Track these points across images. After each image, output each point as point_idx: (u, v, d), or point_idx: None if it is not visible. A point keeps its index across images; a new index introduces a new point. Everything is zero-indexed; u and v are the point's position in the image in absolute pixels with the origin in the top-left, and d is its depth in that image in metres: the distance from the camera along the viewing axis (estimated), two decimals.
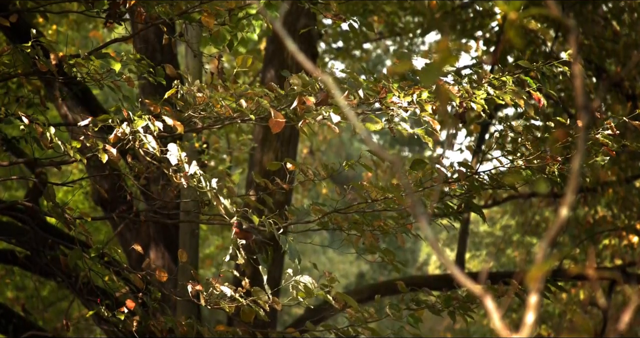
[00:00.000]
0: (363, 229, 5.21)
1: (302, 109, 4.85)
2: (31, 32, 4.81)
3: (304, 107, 4.85)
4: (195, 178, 4.53)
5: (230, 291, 4.78)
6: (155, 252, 8.63)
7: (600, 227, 12.79)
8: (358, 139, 24.92)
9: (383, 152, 1.88)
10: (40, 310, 11.76)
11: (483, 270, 18.68)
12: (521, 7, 1.73)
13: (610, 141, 5.06)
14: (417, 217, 1.65)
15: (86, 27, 13.53)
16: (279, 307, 4.82)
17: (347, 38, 13.12)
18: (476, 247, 21.00)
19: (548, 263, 1.57)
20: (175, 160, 4.52)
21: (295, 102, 4.83)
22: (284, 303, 4.89)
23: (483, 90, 5.04)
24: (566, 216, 1.60)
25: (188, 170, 4.50)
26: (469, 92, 5.01)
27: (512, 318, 13.75)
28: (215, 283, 4.82)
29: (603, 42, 11.09)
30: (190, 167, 4.51)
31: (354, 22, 5.34)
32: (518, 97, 5.05)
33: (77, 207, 11.98)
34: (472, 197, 5.32)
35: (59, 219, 4.96)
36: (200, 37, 5.31)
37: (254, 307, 4.80)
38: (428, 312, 5.35)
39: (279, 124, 4.78)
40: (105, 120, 4.74)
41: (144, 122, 4.59)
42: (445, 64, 1.65)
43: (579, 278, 11.40)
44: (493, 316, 1.59)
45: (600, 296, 11.75)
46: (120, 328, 5.20)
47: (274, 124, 4.77)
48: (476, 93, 5.03)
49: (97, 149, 4.61)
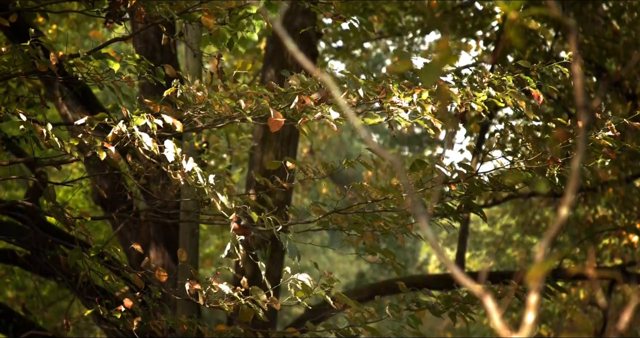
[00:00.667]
0: (363, 229, 5.21)
1: (301, 107, 4.85)
2: (30, 32, 4.81)
3: (303, 105, 4.85)
4: (193, 176, 4.53)
5: (229, 289, 4.78)
6: (155, 252, 8.63)
7: (601, 226, 12.79)
8: (358, 139, 24.94)
9: (383, 151, 1.88)
10: (40, 309, 11.76)
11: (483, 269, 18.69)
12: (521, 6, 1.73)
13: (610, 142, 5.06)
14: (417, 217, 1.65)
15: (86, 27, 13.53)
16: (277, 306, 4.82)
17: (347, 37, 13.12)
18: (476, 246, 21.00)
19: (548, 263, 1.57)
20: (172, 157, 4.52)
21: (294, 102, 4.83)
22: (283, 303, 4.89)
23: (484, 92, 5.04)
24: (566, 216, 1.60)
25: (185, 167, 4.50)
26: (469, 94, 5.01)
27: (512, 318, 13.75)
28: (214, 282, 4.82)
29: (603, 41, 11.09)
30: (187, 163, 4.51)
31: (354, 21, 5.34)
32: (519, 98, 5.05)
33: (77, 206, 11.98)
34: (472, 197, 5.32)
35: (58, 219, 4.96)
36: (200, 36, 5.31)
37: (252, 307, 4.80)
38: (428, 311, 5.36)
39: (277, 122, 4.78)
40: (102, 118, 4.74)
41: (142, 120, 4.59)
42: (445, 63, 1.65)
43: (579, 278, 11.40)
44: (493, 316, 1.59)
45: (600, 296, 11.75)
46: (121, 327, 5.20)
47: (273, 122, 4.78)
48: (477, 95, 5.03)
49: (96, 147, 4.61)
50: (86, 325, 12.92)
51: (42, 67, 4.77)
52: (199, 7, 5.02)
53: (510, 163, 5.24)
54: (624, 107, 11.50)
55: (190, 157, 4.57)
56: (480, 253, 21.00)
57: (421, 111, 4.90)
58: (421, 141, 22.99)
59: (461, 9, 12.19)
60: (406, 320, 5.23)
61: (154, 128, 4.61)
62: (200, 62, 7.75)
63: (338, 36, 13.16)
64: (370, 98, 4.92)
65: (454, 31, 11.96)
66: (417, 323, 5.24)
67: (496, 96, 5.04)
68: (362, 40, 13.39)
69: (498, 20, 11.78)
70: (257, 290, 4.82)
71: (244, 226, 4.79)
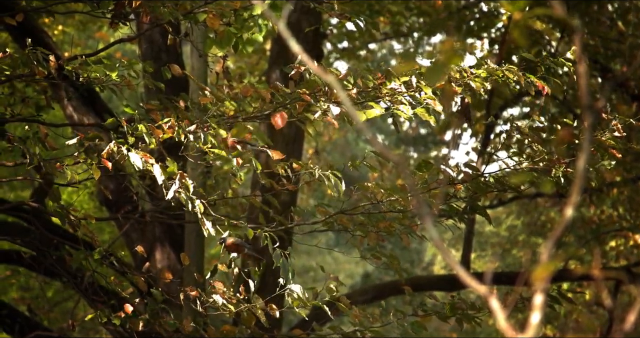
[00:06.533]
0: (368, 230, 5.20)
1: (302, 105, 4.88)
2: (27, 41, 4.82)
3: (303, 103, 4.87)
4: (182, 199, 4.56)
5: (223, 300, 4.83)
6: (161, 253, 8.63)
7: (606, 227, 12.78)
8: (363, 139, 24.93)
9: (388, 152, 1.88)
10: (46, 310, 11.77)
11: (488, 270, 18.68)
12: (526, 7, 1.73)
13: (616, 143, 5.05)
14: (422, 218, 1.65)
15: (92, 28, 13.54)
16: (275, 313, 4.85)
17: (352, 38, 13.11)
18: (482, 247, 20.97)
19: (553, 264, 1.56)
20: (161, 181, 4.55)
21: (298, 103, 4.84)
22: (281, 310, 4.93)
23: (483, 68, 5.04)
24: (571, 216, 1.59)
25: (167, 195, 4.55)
26: (467, 71, 5.01)
27: (517, 319, 13.74)
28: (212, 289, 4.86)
29: (608, 42, 11.08)
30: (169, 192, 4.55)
31: (360, 21, 5.33)
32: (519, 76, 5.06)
33: (82, 207, 11.98)
34: (478, 198, 5.31)
35: (62, 220, 4.97)
36: (206, 37, 5.31)
37: (253, 312, 4.83)
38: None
39: (282, 119, 4.79)
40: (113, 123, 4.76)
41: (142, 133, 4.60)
42: (450, 63, 1.65)
43: (584, 279, 11.39)
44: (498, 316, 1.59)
45: (606, 296, 11.74)
46: (127, 328, 5.21)
47: (277, 119, 4.79)
48: (476, 72, 5.03)
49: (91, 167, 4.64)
50: (92, 326, 12.94)
51: (40, 73, 4.78)
52: (204, 8, 5.03)
53: (516, 164, 5.23)
54: (629, 108, 11.49)
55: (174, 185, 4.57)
56: (486, 254, 20.98)
57: (420, 96, 4.91)
58: (427, 142, 22.96)
59: (466, 10, 12.18)
60: (410, 326, 5.23)
61: (152, 143, 4.62)
62: (205, 63, 7.75)
63: (343, 37, 13.16)
64: (370, 84, 4.92)
65: (459, 32, 11.95)
66: (420, 330, 5.23)
67: (496, 73, 5.03)
68: (367, 41, 13.39)
69: (503, 21, 11.77)
70: (256, 298, 4.85)
71: (237, 243, 4.85)
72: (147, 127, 4.62)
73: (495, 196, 12.45)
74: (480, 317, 5.38)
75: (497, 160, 5.36)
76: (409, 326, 5.23)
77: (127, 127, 4.64)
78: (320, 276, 5.60)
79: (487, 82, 5.03)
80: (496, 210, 17.95)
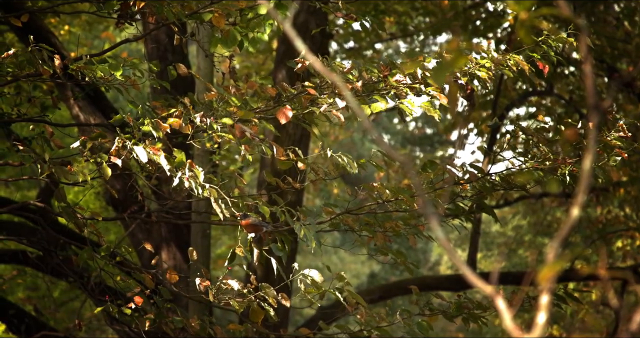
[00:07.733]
0: (375, 230, 5.20)
1: (307, 98, 4.90)
2: (30, 39, 4.82)
3: (309, 96, 4.89)
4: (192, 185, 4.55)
5: (238, 286, 4.79)
6: (167, 252, 8.64)
7: (613, 227, 12.76)
8: (369, 139, 24.92)
9: (394, 152, 1.88)
10: (52, 310, 11.78)
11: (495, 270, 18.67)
12: (532, 6, 1.73)
13: (622, 143, 5.05)
14: (428, 218, 1.65)
15: (98, 28, 13.56)
16: (287, 303, 4.82)
17: (358, 38, 13.12)
18: (488, 247, 20.97)
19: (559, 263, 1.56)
20: (167, 169, 4.55)
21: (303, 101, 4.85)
22: (294, 303, 4.90)
23: (488, 57, 5.07)
24: (577, 216, 1.59)
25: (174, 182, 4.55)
26: (472, 60, 5.03)
27: (524, 318, 13.73)
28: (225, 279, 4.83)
29: (615, 42, 11.06)
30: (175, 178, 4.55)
31: (366, 21, 5.34)
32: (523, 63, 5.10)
33: (89, 206, 12.00)
34: (484, 197, 5.31)
35: (69, 220, 4.97)
36: (212, 37, 5.32)
37: (263, 305, 4.81)
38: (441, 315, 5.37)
39: (285, 115, 4.81)
40: (120, 120, 4.76)
41: (148, 128, 4.61)
42: (456, 63, 1.65)
43: (590, 279, 11.37)
44: (504, 316, 1.59)
45: (612, 296, 11.72)
46: (133, 327, 5.21)
47: (282, 114, 4.80)
48: (480, 61, 5.05)
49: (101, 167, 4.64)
50: (98, 326, 12.95)
51: (45, 71, 4.78)
52: (210, 7, 5.03)
53: (522, 163, 5.24)
54: (635, 108, 11.48)
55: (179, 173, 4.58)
56: (492, 253, 20.97)
57: (425, 88, 4.92)
58: (432, 142, 22.96)
59: (472, 10, 12.18)
60: (416, 327, 5.23)
61: (159, 136, 4.62)
62: (212, 62, 7.76)
63: (349, 37, 13.16)
64: (374, 76, 4.94)
65: (465, 32, 11.95)
66: (426, 330, 5.23)
67: (501, 61, 5.07)
68: (373, 41, 13.39)
69: (509, 21, 11.76)
70: (266, 286, 4.82)
71: (254, 223, 4.76)
72: (154, 122, 4.63)
73: (501, 196, 12.45)
74: (486, 317, 5.38)
75: (503, 160, 5.36)
76: (415, 326, 5.23)
77: (134, 122, 4.64)
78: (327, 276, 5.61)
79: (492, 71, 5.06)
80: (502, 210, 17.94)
